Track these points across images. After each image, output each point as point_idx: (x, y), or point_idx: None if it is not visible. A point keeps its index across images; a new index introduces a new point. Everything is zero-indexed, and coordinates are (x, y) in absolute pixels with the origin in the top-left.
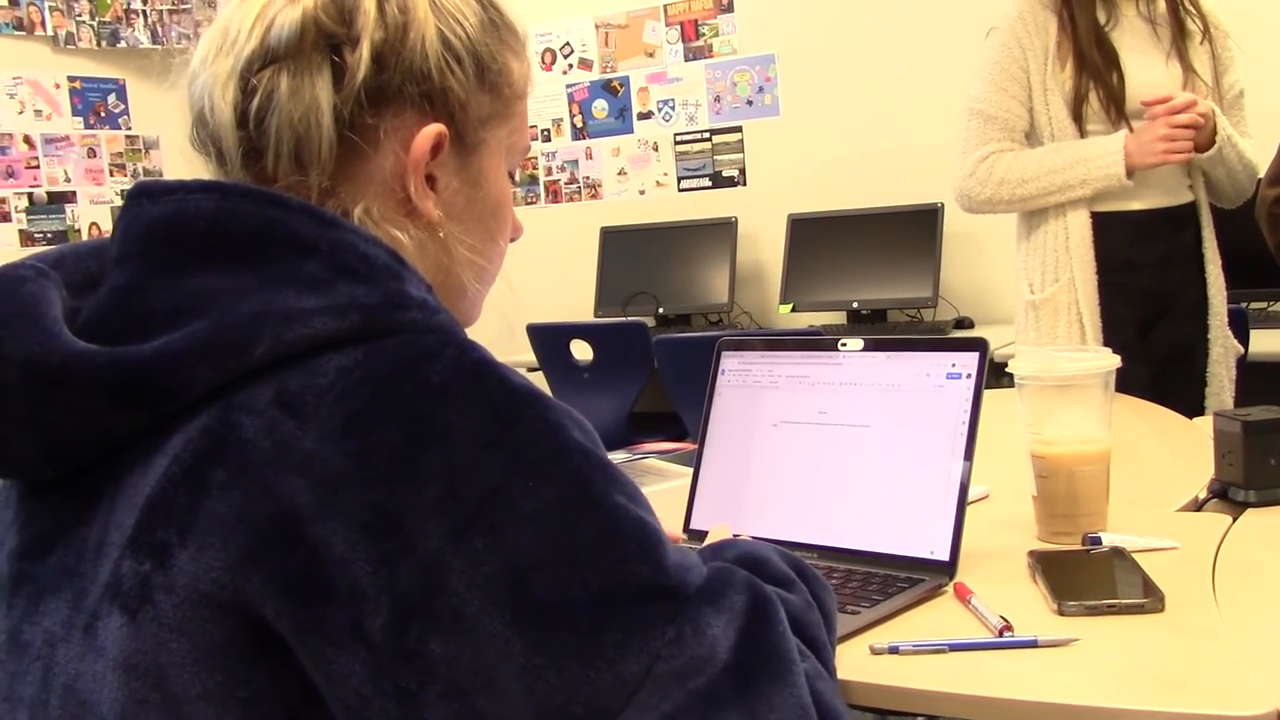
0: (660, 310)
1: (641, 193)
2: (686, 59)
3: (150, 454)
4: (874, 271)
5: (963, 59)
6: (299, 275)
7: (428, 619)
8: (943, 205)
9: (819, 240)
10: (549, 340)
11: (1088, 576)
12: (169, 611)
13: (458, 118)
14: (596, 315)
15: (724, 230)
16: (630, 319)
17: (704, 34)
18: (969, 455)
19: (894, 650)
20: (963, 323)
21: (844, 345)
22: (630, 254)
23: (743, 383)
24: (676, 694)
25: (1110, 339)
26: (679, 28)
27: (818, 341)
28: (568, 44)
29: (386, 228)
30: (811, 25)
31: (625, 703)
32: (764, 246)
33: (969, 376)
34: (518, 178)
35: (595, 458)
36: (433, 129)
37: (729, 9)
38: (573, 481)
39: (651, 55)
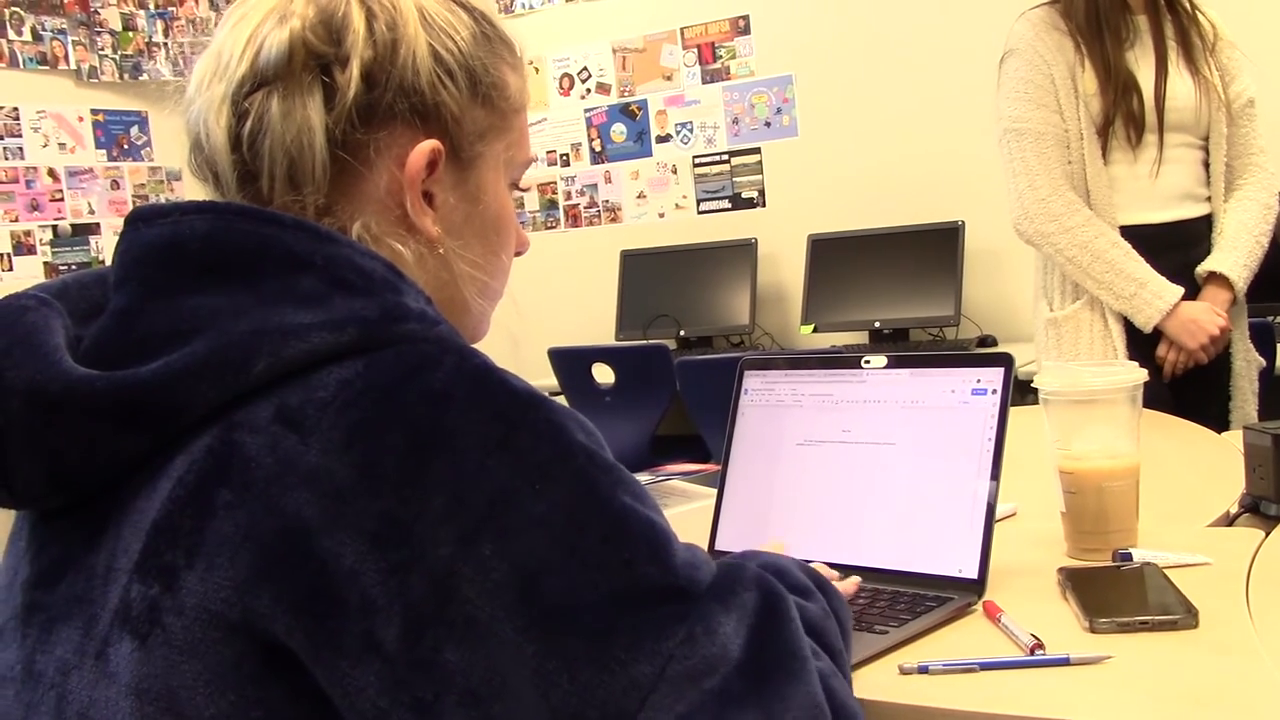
0: (681, 333)
1: (661, 215)
2: (704, 81)
3: (154, 477)
4: (895, 291)
5: (981, 78)
6: (296, 291)
7: (441, 627)
8: (963, 223)
9: (839, 260)
10: (571, 364)
11: (1119, 593)
12: (179, 634)
13: (453, 133)
14: (618, 338)
15: (744, 252)
16: (651, 342)
17: (721, 56)
18: (996, 471)
19: (923, 670)
20: (986, 341)
21: (867, 363)
22: (651, 277)
23: (766, 402)
24: (691, 694)
25: (1133, 355)
26: (696, 50)
27: (841, 359)
28: (585, 69)
29: (387, 241)
30: (828, 46)
31: (640, 705)
32: (784, 267)
33: (994, 392)
34: (537, 202)
35: (600, 459)
36: (427, 145)
37: (746, 31)
38: (579, 483)
39: (669, 78)
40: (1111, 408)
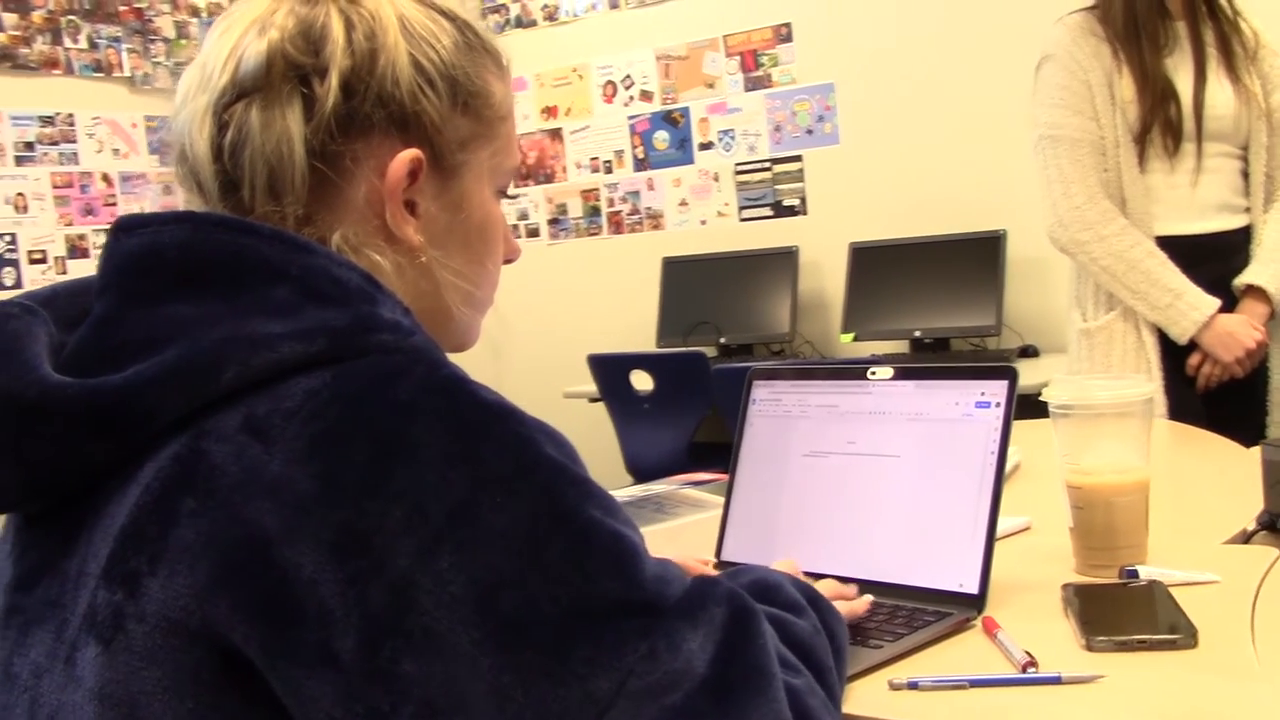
0: (722, 340)
1: (703, 223)
2: (746, 89)
3: (126, 483)
4: (937, 300)
5: (1023, 86)
6: (268, 301)
7: (399, 638)
8: (1005, 232)
9: (881, 269)
10: (610, 370)
11: (1121, 611)
12: (140, 640)
13: (435, 142)
14: (658, 345)
15: (785, 259)
16: (690, 349)
17: (763, 64)
18: (999, 485)
19: (914, 686)
20: (1027, 350)
21: (873, 374)
22: (692, 284)
23: (773, 413)
24: (650, 710)
25: (1167, 367)
26: (738, 58)
27: (847, 370)
28: (628, 76)
29: (366, 252)
30: (870, 54)
31: None
32: (825, 275)
33: (998, 405)
34: (580, 208)
35: (569, 473)
36: (407, 154)
37: (788, 39)
38: (542, 496)
39: (711, 86)
40: (1121, 422)
